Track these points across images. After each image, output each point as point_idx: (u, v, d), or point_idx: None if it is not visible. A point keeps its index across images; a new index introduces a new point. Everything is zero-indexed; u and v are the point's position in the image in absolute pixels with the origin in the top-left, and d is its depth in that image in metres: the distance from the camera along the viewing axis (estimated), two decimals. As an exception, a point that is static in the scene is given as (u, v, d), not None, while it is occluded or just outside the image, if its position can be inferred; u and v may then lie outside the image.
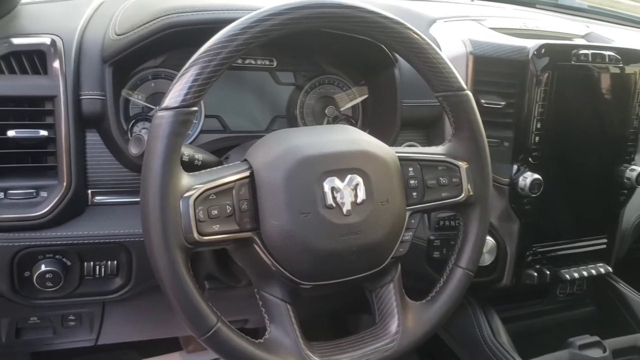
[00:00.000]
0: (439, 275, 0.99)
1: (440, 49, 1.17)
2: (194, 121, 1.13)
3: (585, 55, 1.19)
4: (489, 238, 1.22)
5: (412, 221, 0.93)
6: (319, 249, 0.82)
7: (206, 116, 1.15)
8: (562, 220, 1.30)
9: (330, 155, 0.84)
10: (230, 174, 0.81)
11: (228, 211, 0.80)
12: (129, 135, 1.07)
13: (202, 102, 1.13)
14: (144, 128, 1.09)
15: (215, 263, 1.07)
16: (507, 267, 1.26)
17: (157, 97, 1.11)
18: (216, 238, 0.79)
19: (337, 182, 0.83)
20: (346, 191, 0.84)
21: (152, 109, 1.09)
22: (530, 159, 1.19)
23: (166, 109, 0.76)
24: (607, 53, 1.22)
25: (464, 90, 0.93)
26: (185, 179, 0.78)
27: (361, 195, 0.84)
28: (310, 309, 1.34)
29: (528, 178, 1.18)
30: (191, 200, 0.77)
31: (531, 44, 1.17)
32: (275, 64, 1.19)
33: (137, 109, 1.10)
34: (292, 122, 1.22)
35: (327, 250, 0.83)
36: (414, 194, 0.92)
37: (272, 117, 1.21)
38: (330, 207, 0.82)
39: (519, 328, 1.36)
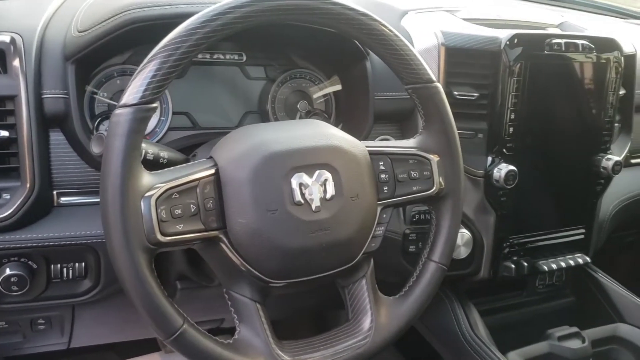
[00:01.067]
0: (415, 269, 0.98)
1: (411, 41, 1.17)
2: (162, 118, 1.11)
3: (559, 44, 1.18)
4: (464, 231, 1.21)
5: (384, 216, 0.92)
6: (288, 247, 0.81)
7: (174, 113, 1.12)
8: (538, 211, 1.29)
9: (298, 151, 0.83)
10: (194, 172, 0.79)
11: (192, 210, 0.78)
12: (95, 134, 1.05)
13: (169, 99, 1.11)
14: (109, 127, 1.06)
15: (187, 263, 1.05)
16: (484, 259, 1.25)
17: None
18: (180, 238, 0.77)
19: (305, 178, 0.82)
20: (315, 187, 0.82)
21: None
22: (504, 150, 1.19)
23: (124, 106, 0.74)
24: (580, 42, 1.21)
25: (433, 82, 0.91)
26: (147, 178, 0.76)
27: (330, 190, 0.83)
28: (287, 307, 1.32)
29: (503, 170, 1.17)
30: (153, 199, 0.75)
31: (503, 34, 1.16)
32: (244, 58, 1.17)
33: (103, 107, 1.07)
34: (264, 118, 1.20)
35: (296, 247, 0.81)
36: (385, 188, 0.91)
37: (243, 112, 1.19)
38: (298, 204, 0.81)
39: (498, 321, 1.35)
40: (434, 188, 0.93)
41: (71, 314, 1.15)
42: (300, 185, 0.81)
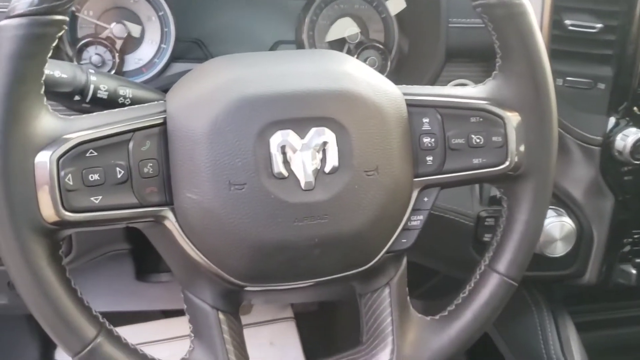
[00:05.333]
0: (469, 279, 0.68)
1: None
2: (163, 46, 0.86)
3: None
4: (566, 219, 0.88)
5: (425, 199, 0.62)
6: (259, 240, 0.54)
7: (181, 40, 0.88)
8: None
9: (284, 96, 0.55)
10: (128, 120, 0.54)
11: (119, 176, 0.53)
12: (75, 62, 0.83)
13: (171, 21, 0.86)
14: (96, 54, 0.83)
15: None
16: (591, 259, 0.93)
17: (113, 14, 0.85)
18: (98, 216, 0.53)
19: (292, 139, 0.54)
20: (307, 153, 0.54)
21: (106, 28, 0.84)
22: (635, 109, 0.86)
23: (11, 16, 0.50)
24: None
25: None
26: (49, 126, 0.52)
27: (332, 159, 0.55)
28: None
29: (630, 137, 0.84)
30: (53, 157, 0.51)
31: None
32: (276, -31, 0.89)
33: (88, 29, 0.85)
34: (300, 49, 0.92)
35: (272, 241, 0.54)
36: (429, 158, 0.61)
37: (274, 41, 0.92)
38: (279, 177, 0.54)
39: (604, 340, 1.02)
40: (508, 162, 0.62)
41: None
42: (284, 149, 0.54)
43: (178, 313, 1.18)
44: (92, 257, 0.84)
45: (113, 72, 0.83)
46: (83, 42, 0.83)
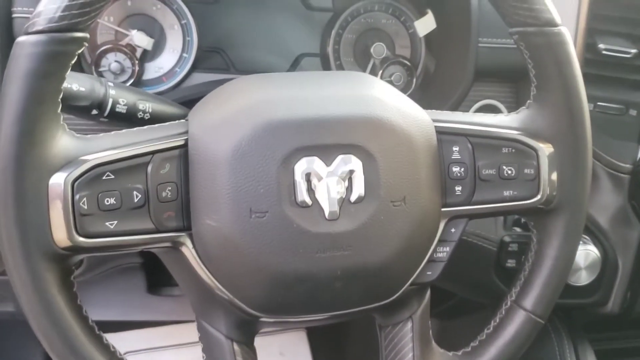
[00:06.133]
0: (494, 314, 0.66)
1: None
2: (184, 55, 0.84)
3: None
4: (590, 247, 0.86)
5: (452, 230, 0.60)
6: (279, 270, 0.52)
7: (204, 50, 0.86)
8: None
9: (311, 122, 0.52)
10: (148, 142, 0.52)
11: (136, 200, 0.51)
12: (93, 70, 0.81)
13: (194, 29, 0.84)
14: (115, 61, 0.81)
15: None
16: (615, 287, 0.90)
17: (135, 21, 0.83)
18: (112, 241, 0.51)
19: (317, 166, 0.52)
20: (332, 181, 0.52)
21: (127, 35, 0.82)
22: (668, 137, 0.82)
23: (29, 32, 0.48)
24: None
25: (555, 25, 0.57)
26: (66, 145, 0.50)
27: (358, 189, 0.52)
28: None
29: (661, 165, 0.80)
30: (68, 180, 0.49)
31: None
32: (301, -20, 0.87)
33: (108, 35, 0.83)
34: (325, 63, 0.90)
35: (292, 273, 0.52)
36: (458, 188, 0.59)
37: (297, 54, 0.90)
38: (302, 206, 0.51)
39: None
40: (539, 196, 0.59)
41: None
42: (309, 176, 0.51)
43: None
44: (103, 270, 0.83)
45: (132, 80, 0.81)
46: (102, 48, 0.81)
